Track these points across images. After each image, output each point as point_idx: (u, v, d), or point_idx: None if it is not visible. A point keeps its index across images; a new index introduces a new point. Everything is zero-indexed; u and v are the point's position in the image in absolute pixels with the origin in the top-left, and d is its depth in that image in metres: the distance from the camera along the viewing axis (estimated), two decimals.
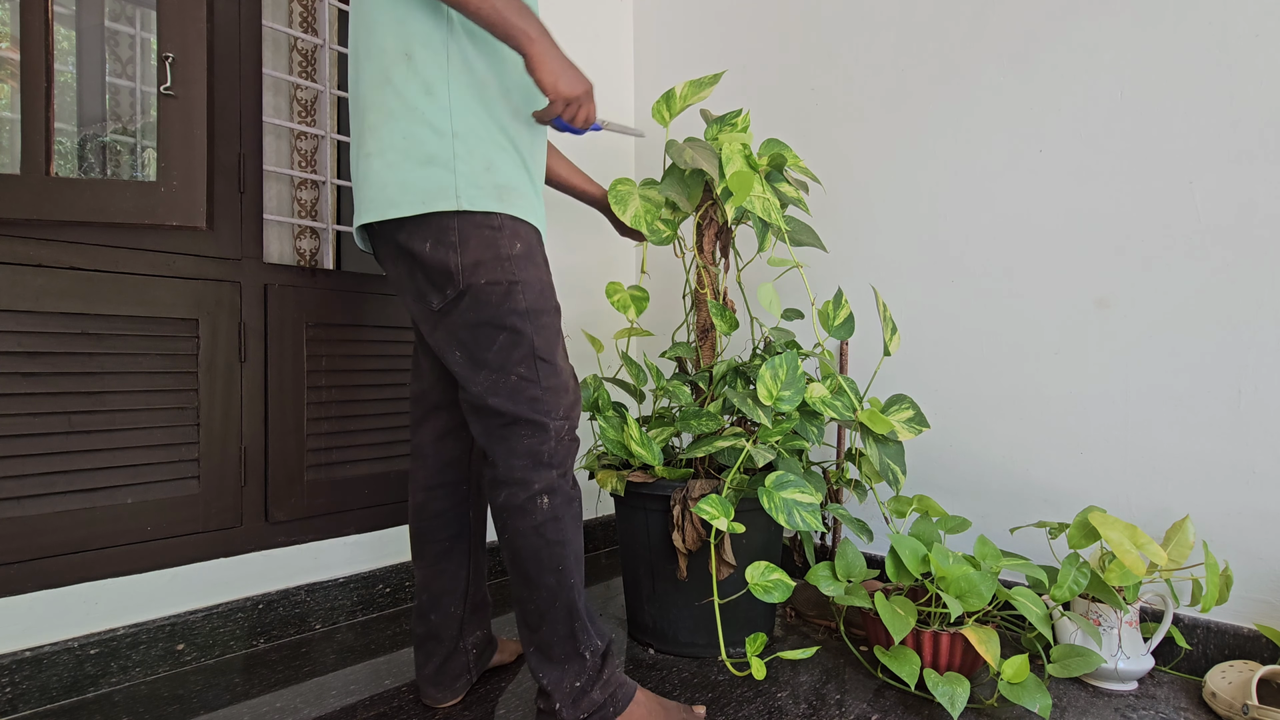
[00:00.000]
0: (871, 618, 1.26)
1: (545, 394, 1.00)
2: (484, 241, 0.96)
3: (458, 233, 0.96)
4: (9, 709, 1.15)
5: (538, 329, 1.00)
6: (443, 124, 0.96)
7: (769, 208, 1.32)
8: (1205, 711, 1.15)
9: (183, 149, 1.17)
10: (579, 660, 1.03)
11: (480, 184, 0.96)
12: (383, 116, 0.97)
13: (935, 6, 1.62)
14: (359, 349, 1.59)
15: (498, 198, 0.97)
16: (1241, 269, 1.25)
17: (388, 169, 0.96)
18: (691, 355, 1.49)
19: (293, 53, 1.73)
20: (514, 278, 0.98)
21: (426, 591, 1.16)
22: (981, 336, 1.55)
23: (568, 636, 1.02)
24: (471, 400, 1.02)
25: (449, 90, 0.96)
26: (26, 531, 1.18)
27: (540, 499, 1.00)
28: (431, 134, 0.95)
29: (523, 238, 1.00)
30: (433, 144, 0.95)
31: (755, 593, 1.15)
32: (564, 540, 1.01)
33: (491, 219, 0.97)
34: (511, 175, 1.00)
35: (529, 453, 1.00)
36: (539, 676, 1.03)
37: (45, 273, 1.20)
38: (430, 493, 1.16)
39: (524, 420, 0.99)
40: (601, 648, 1.06)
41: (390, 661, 1.35)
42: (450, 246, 0.96)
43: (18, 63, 1.10)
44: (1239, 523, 1.25)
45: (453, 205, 0.95)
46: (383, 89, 0.97)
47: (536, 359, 1.00)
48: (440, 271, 0.97)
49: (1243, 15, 1.25)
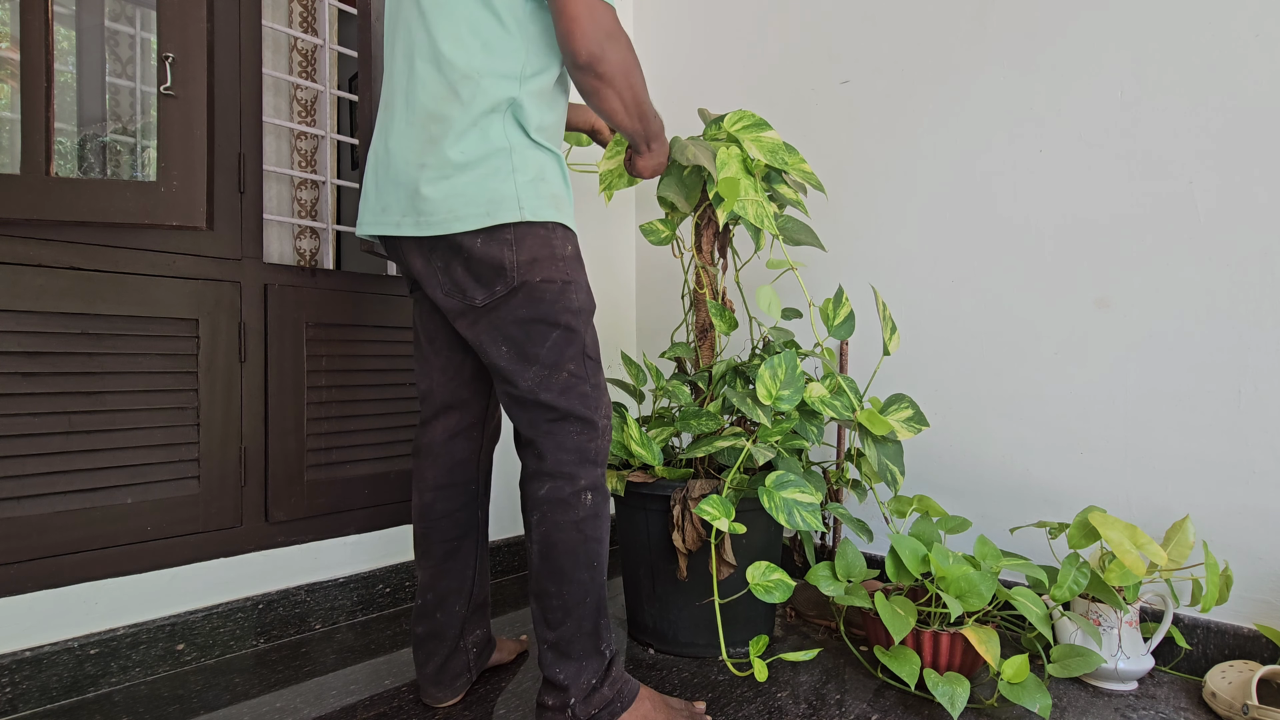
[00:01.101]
0: (871, 618, 1.26)
1: (594, 391, 1.04)
2: (540, 241, 0.99)
3: (514, 231, 0.98)
4: (9, 709, 1.15)
5: (588, 328, 1.04)
6: (500, 139, 0.98)
7: (761, 214, 1.32)
8: (1205, 711, 1.15)
9: (183, 149, 1.17)
10: (598, 658, 1.04)
11: (539, 194, 1.00)
12: (437, 130, 0.98)
13: (935, 6, 1.62)
14: (359, 349, 1.59)
15: (555, 207, 1.01)
16: (1242, 269, 1.25)
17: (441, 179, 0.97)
18: (691, 355, 1.49)
19: (293, 53, 1.73)
20: (568, 277, 1.02)
21: (432, 591, 1.16)
22: (981, 336, 1.55)
23: (592, 633, 1.03)
24: (519, 395, 1.03)
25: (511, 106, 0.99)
26: (26, 531, 1.18)
27: (585, 495, 1.02)
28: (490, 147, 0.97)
29: (573, 243, 1.05)
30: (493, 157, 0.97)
31: (756, 593, 1.15)
32: (600, 538, 1.04)
33: (547, 225, 1.00)
34: (560, 186, 1.04)
35: (578, 449, 1.02)
36: (555, 673, 1.02)
37: (45, 273, 1.21)
38: (439, 492, 1.16)
39: (575, 416, 1.02)
40: (613, 647, 1.07)
41: (390, 661, 1.35)
42: (505, 243, 0.97)
43: (18, 63, 1.10)
44: (1239, 523, 1.25)
45: (516, 216, 0.97)
46: (448, 102, 0.97)
47: (586, 357, 1.04)
48: (491, 266, 0.98)
49: (1243, 15, 1.25)
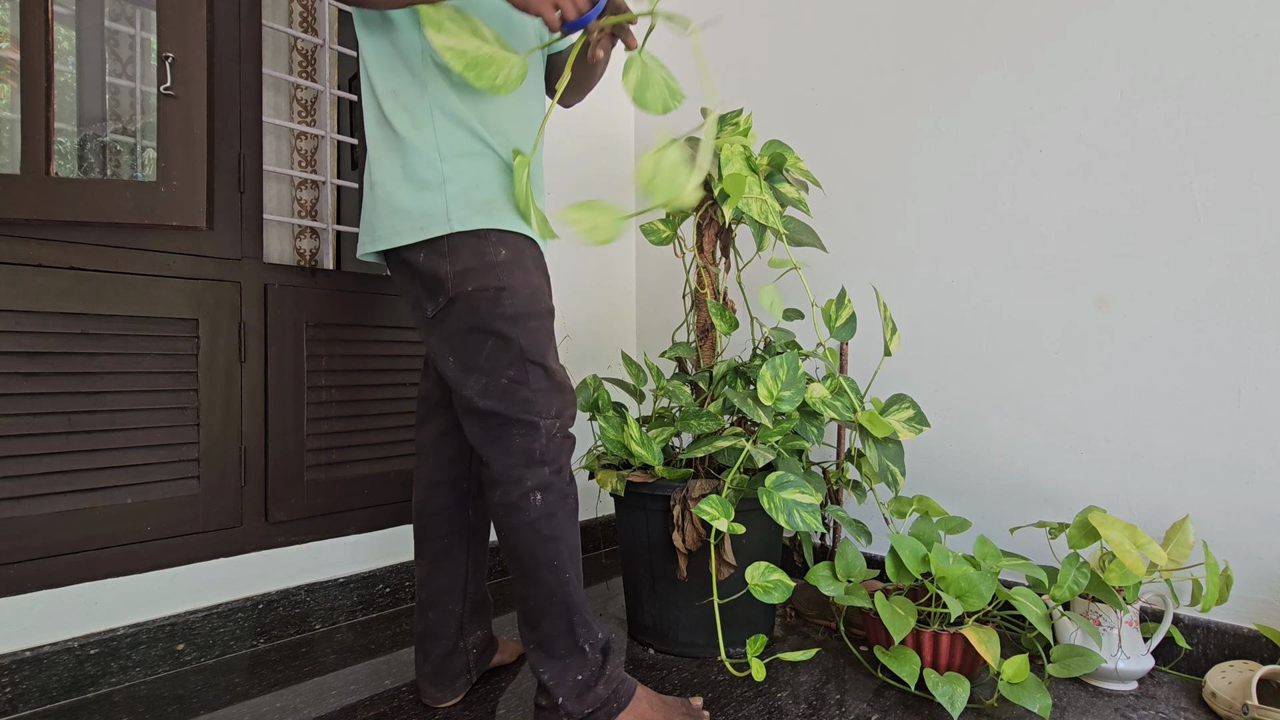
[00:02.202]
0: (871, 618, 1.26)
1: (537, 395, 1.03)
2: (472, 250, 1.01)
3: (447, 243, 1.01)
4: (9, 709, 1.15)
5: (525, 333, 1.03)
6: (430, 151, 1.02)
7: (766, 210, 1.32)
8: (1205, 711, 1.15)
9: (183, 149, 1.17)
10: (580, 654, 1.04)
11: (470, 201, 1.01)
12: (382, 150, 1.04)
13: (935, 6, 1.62)
14: (359, 349, 1.59)
15: (486, 213, 1.02)
16: (1241, 269, 1.25)
17: (388, 198, 1.03)
18: (691, 355, 1.49)
19: (293, 53, 1.73)
20: (500, 283, 1.01)
21: (425, 588, 1.17)
22: (982, 336, 1.55)
23: (566, 631, 1.04)
24: (464, 403, 1.04)
25: (433, 119, 1.02)
26: (26, 531, 1.18)
27: (533, 495, 1.02)
28: (422, 161, 1.01)
29: (509, 245, 1.03)
30: (424, 171, 1.01)
31: (755, 593, 1.15)
32: (559, 536, 1.03)
33: (478, 232, 1.01)
34: (498, 191, 1.04)
35: (522, 451, 1.02)
36: (540, 672, 1.04)
37: (45, 273, 1.20)
38: (431, 490, 1.18)
39: (516, 420, 1.02)
40: (602, 641, 1.07)
41: (390, 661, 1.35)
42: (441, 256, 1.01)
43: (18, 63, 1.10)
44: (1239, 523, 1.25)
45: (445, 229, 1.00)
46: (380, 124, 1.05)
47: (526, 361, 1.02)
48: (432, 279, 1.02)
49: (1243, 15, 1.25)
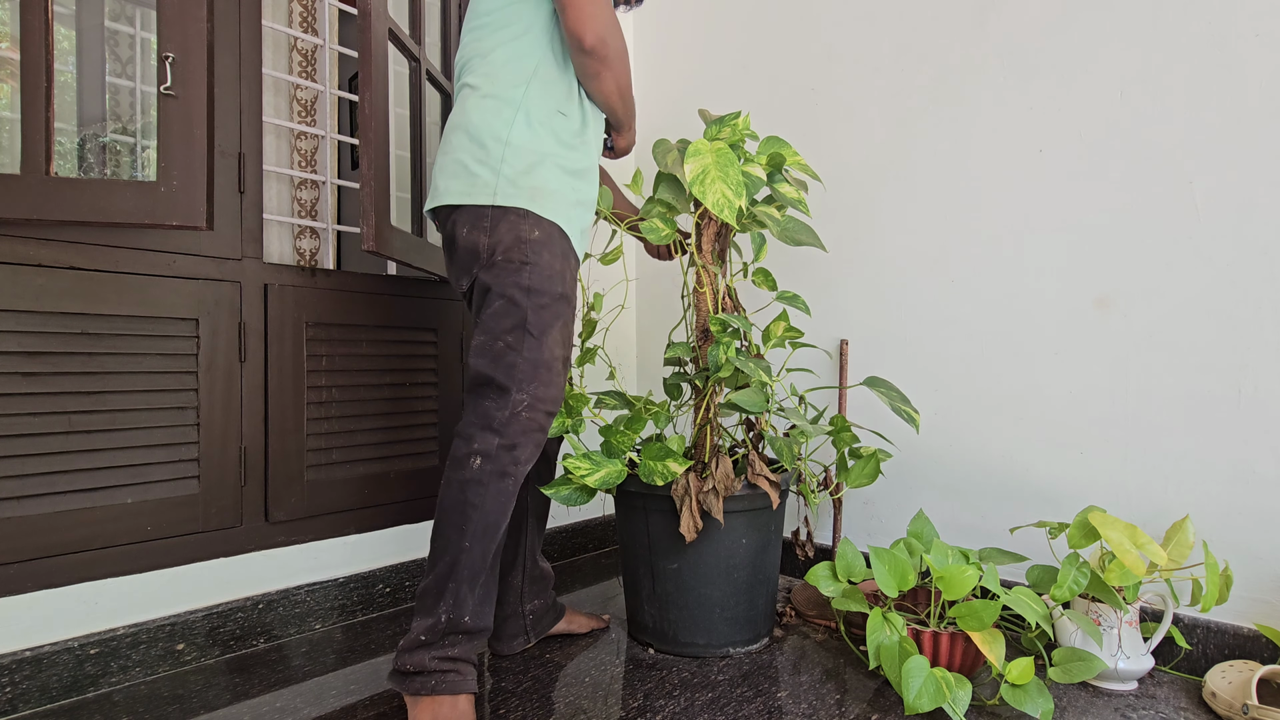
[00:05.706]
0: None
1: (522, 364, 1.07)
2: (509, 227, 1.09)
3: (490, 219, 1.09)
4: (9, 709, 1.15)
5: (535, 306, 1.08)
6: (502, 134, 1.10)
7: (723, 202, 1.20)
8: (1205, 711, 1.15)
9: (183, 149, 1.17)
10: (434, 618, 1.05)
11: (518, 185, 1.09)
12: (461, 120, 1.13)
13: (935, 7, 1.62)
14: (359, 349, 1.59)
15: (530, 198, 1.09)
16: (1242, 269, 1.25)
17: (453, 164, 1.12)
18: (690, 355, 1.49)
19: (293, 53, 1.73)
20: (526, 259, 1.08)
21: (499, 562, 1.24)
22: (981, 336, 1.55)
23: (437, 592, 1.06)
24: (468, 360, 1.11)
25: (517, 110, 1.11)
26: (26, 531, 1.18)
27: (475, 459, 1.05)
28: (493, 141, 1.10)
29: (544, 228, 1.10)
30: (492, 149, 1.10)
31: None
32: (479, 505, 1.05)
33: (519, 211, 1.09)
34: (547, 182, 1.11)
35: (484, 414, 1.07)
36: (413, 617, 1.09)
37: (45, 273, 1.21)
38: None
39: (495, 384, 1.07)
40: (467, 625, 1.06)
41: (391, 661, 1.35)
42: (483, 231, 1.09)
43: (18, 63, 1.10)
44: (1239, 523, 1.25)
45: (490, 200, 1.08)
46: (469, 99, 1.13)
47: (526, 331, 1.07)
48: (470, 253, 1.10)
49: (1243, 15, 1.24)
